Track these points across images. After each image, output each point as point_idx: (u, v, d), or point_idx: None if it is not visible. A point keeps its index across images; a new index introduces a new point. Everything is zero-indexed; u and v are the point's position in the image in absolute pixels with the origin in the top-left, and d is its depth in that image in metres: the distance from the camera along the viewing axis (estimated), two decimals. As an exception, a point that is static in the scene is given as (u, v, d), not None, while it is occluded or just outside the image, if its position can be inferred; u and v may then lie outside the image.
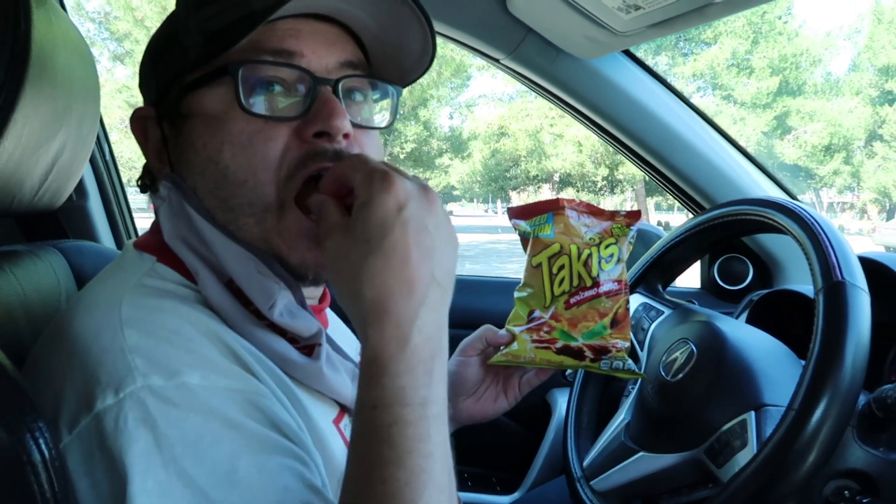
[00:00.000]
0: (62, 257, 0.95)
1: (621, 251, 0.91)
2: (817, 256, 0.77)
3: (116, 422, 0.49)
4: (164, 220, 0.65)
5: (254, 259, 0.62)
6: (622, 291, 0.90)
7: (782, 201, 0.88)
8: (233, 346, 0.58)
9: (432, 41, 0.68)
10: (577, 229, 0.90)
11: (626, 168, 21.81)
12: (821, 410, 0.67)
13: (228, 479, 0.50)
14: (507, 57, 1.43)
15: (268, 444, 0.53)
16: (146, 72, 0.71)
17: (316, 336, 0.64)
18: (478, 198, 49.33)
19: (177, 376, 0.52)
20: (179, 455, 0.49)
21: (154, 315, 0.57)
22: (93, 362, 0.53)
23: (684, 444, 0.83)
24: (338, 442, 0.65)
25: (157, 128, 0.69)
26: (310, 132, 0.62)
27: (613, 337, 0.89)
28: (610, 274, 0.90)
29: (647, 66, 1.50)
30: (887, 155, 24.90)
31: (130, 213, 1.64)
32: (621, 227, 0.92)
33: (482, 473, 1.73)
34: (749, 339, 0.89)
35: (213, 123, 0.63)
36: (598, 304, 0.89)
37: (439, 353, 0.55)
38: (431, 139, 22.34)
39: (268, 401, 0.56)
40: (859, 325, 0.70)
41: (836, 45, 26.94)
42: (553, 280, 0.91)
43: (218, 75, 0.62)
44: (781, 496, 0.68)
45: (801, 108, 24.04)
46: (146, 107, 0.71)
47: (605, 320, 0.89)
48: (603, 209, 0.93)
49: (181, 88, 0.65)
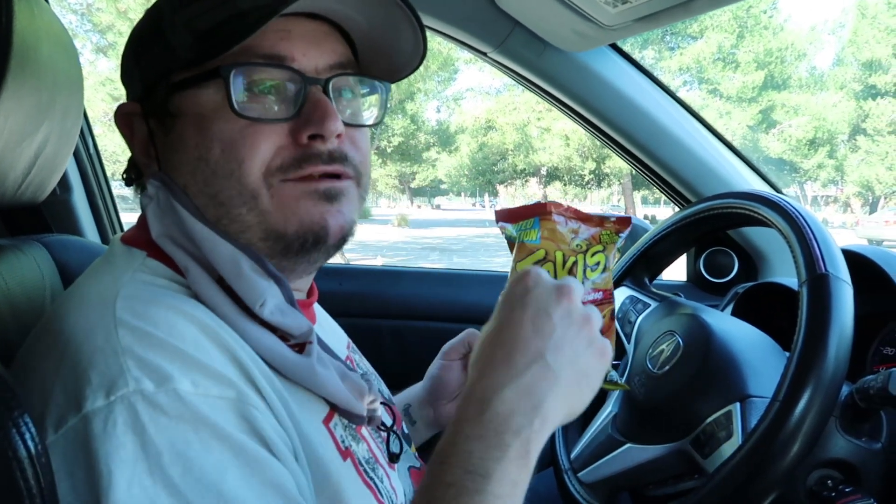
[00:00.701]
0: (46, 252, 0.94)
1: (608, 259, 0.86)
2: (801, 249, 0.78)
3: (105, 424, 0.49)
4: (152, 218, 0.64)
5: (244, 257, 0.62)
6: (606, 301, 0.84)
7: (767, 195, 0.88)
8: (228, 342, 0.58)
9: (423, 41, 0.68)
10: (563, 235, 0.86)
11: (613, 162, 21.88)
12: (804, 401, 0.67)
13: (215, 492, 0.49)
14: (494, 50, 1.43)
15: (254, 459, 0.52)
16: (129, 66, 0.70)
17: (307, 334, 0.64)
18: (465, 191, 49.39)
19: (168, 382, 0.51)
20: (167, 464, 0.49)
21: (149, 312, 0.55)
22: (85, 362, 0.52)
23: (670, 435, 0.83)
24: (327, 443, 0.64)
25: (143, 124, 0.68)
26: (304, 135, 0.63)
27: None
28: (595, 282, 0.84)
29: (634, 59, 1.50)
30: (870, 149, 25.15)
31: (115, 207, 1.62)
32: (610, 233, 0.86)
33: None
34: (734, 331, 0.89)
35: (203, 124, 0.63)
36: None
37: (523, 432, 0.54)
38: (419, 133, 22.32)
39: (258, 412, 0.55)
40: (842, 317, 0.71)
41: (820, 39, 27.19)
42: None
43: (208, 77, 0.62)
44: (766, 486, 0.68)
45: (785, 102, 24.23)
46: (131, 103, 0.69)
47: None
48: (591, 214, 0.88)
49: (169, 87, 0.65)
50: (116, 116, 0.70)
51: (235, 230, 0.64)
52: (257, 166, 0.62)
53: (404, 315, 1.70)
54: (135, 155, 0.70)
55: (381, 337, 1.70)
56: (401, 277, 1.83)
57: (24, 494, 0.44)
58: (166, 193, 0.64)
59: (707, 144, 1.55)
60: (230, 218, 0.64)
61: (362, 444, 0.70)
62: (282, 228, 0.64)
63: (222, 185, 0.63)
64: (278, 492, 0.52)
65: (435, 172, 32.69)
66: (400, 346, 1.66)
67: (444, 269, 1.94)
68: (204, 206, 0.64)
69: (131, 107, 0.69)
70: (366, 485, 0.67)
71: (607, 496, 0.90)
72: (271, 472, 0.53)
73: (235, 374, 0.56)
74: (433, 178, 36.08)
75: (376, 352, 1.04)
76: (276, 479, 0.53)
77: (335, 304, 1.54)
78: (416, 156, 23.58)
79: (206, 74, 0.62)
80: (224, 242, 0.62)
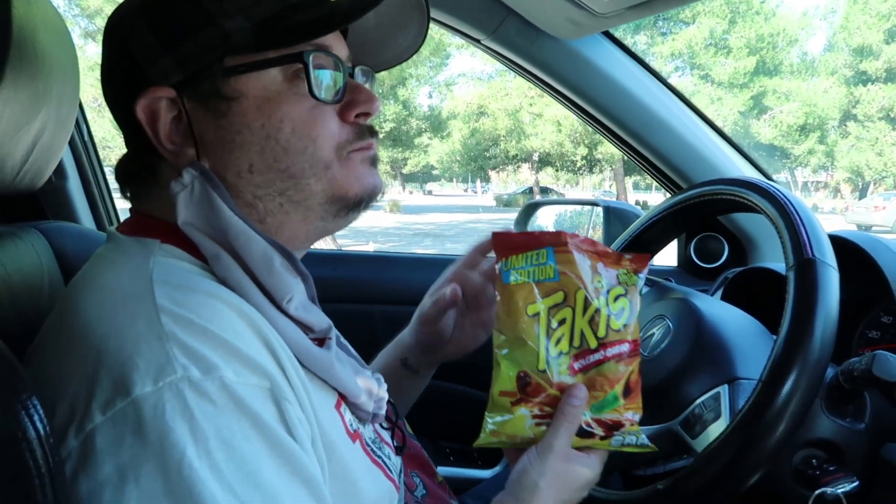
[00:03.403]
0: (43, 238, 0.94)
1: (632, 305, 0.74)
2: (789, 235, 0.79)
3: (155, 409, 0.50)
4: (182, 205, 0.64)
5: (276, 254, 0.64)
6: (634, 354, 0.73)
7: (757, 181, 0.90)
8: (262, 329, 0.59)
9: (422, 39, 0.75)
10: (581, 274, 0.73)
11: (605, 148, 21.87)
12: (790, 383, 0.69)
13: (253, 480, 0.51)
14: (487, 38, 1.43)
15: (286, 450, 0.55)
16: (151, 52, 0.66)
17: (326, 330, 0.68)
18: (457, 177, 49.26)
19: (214, 370, 0.53)
20: (213, 449, 0.50)
21: (188, 300, 0.57)
22: (129, 348, 0.53)
23: (660, 416, 0.85)
24: (338, 426, 0.66)
25: (175, 110, 0.67)
26: (352, 114, 0.70)
27: (627, 409, 0.73)
28: (620, 333, 0.72)
29: (626, 47, 1.51)
30: (860, 135, 25.24)
31: (110, 194, 1.62)
32: (628, 273, 0.75)
33: (463, 449, 1.76)
34: (724, 315, 0.91)
35: (269, 105, 0.66)
36: (606, 371, 0.72)
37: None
38: (410, 118, 22.20)
39: (288, 402, 0.57)
40: (828, 301, 0.72)
41: (812, 24, 27.15)
42: (550, 337, 0.72)
43: (278, 62, 0.66)
44: (752, 465, 0.70)
45: (777, 87, 24.23)
46: (164, 88, 0.66)
47: (617, 389, 0.72)
48: (609, 250, 0.76)
49: (223, 71, 0.66)
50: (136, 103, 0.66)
51: (299, 198, 0.68)
52: (329, 142, 0.68)
53: (397, 300, 1.71)
54: (158, 143, 0.67)
55: (374, 322, 1.71)
56: (393, 263, 1.84)
57: (34, 474, 0.45)
58: (203, 183, 0.64)
59: (698, 131, 1.56)
60: (298, 188, 0.68)
61: (368, 425, 0.73)
62: (346, 192, 0.70)
63: (293, 160, 0.67)
64: (304, 482, 0.55)
65: (427, 158, 32.58)
66: (393, 331, 1.67)
67: (437, 254, 1.94)
68: (264, 182, 0.67)
69: (164, 91, 0.66)
70: (375, 463, 0.70)
71: (599, 476, 0.92)
72: (299, 462, 0.55)
73: (270, 362, 0.58)
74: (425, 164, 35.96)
75: (369, 337, 1.05)
76: (303, 470, 0.55)
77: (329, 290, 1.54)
78: (407, 141, 23.47)
79: (277, 59, 0.66)
80: (258, 238, 0.64)
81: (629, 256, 0.75)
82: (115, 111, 0.70)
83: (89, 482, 0.50)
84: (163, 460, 0.49)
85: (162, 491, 0.49)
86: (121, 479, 0.49)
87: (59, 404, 0.53)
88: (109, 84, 0.70)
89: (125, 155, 0.72)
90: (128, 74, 0.68)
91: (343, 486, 0.63)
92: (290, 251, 0.65)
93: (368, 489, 0.67)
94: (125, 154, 0.72)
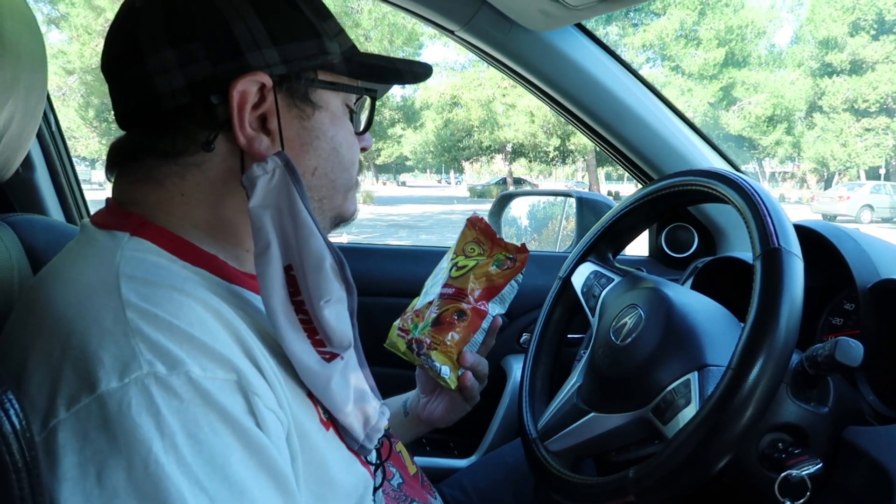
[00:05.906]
0: (12, 231, 0.92)
1: (476, 267, 1.08)
2: (756, 225, 0.81)
3: (120, 406, 0.50)
4: (259, 190, 0.64)
5: (329, 255, 0.64)
6: (455, 297, 1.05)
7: (725, 172, 0.91)
8: (230, 320, 0.59)
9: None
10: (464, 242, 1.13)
11: (578, 139, 21.99)
12: (757, 369, 0.70)
13: (221, 474, 0.51)
14: (461, 29, 1.43)
15: (254, 443, 0.54)
16: (259, 39, 0.67)
17: (343, 348, 0.67)
18: (431, 168, 49.10)
19: (180, 366, 0.53)
20: (180, 443, 0.50)
21: (154, 294, 0.57)
22: (94, 343, 0.53)
23: (633, 404, 0.87)
24: (312, 415, 0.66)
25: (257, 98, 0.67)
26: (362, 145, 0.81)
27: (432, 335, 1.02)
28: (457, 281, 1.07)
29: (599, 39, 1.52)
30: (826, 126, 25.72)
31: (79, 185, 1.59)
32: (505, 255, 1.10)
33: (440, 439, 1.77)
34: (694, 303, 0.93)
35: (335, 122, 0.75)
36: (438, 303, 1.05)
37: None
38: (383, 109, 22.08)
39: (258, 397, 0.57)
40: (793, 290, 0.74)
41: (779, 17, 27.57)
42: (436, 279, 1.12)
43: (350, 90, 0.76)
44: (721, 449, 0.72)
45: (745, 79, 24.57)
46: (264, 74, 0.66)
47: (429, 318, 1.04)
48: (497, 238, 1.12)
49: (316, 81, 0.72)
50: (232, 81, 0.65)
51: (327, 208, 0.77)
52: (357, 167, 0.79)
53: (372, 292, 1.71)
54: (239, 125, 0.66)
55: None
56: (368, 255, 1.84)
57: (11, 469, 0.44)
58: (285, 174, 0.65)
59: (669, 123, 1.58)
60: (331, 199, 0.77)
61: None
62: (346, 213, 0.81)
63: (340, 175, 0.76)
64: (273, 476, 0.55)
65: (400, 149, 32.42)
66: (369, 322, 1.67)
67: (412, 245, 1.95)
68: (320, 186, 0.75)
69: (264, 78, 0.66)
70: (350, 451, 0.70)
71: (573, 463, 0.94)
72: (267, 455, 0.55)
73: (238, 355, 0.58)
74: (398, 155, 35.78)
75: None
76: (272, 464, 0.55)
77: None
78: (380, 132, 23.35)
79: (352, 87, 0.76)
80: (319, 235, 0.64)
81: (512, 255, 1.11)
82: (159, 79, 0.65)
83: (51, 478, 0.49)
84: (128, 456, 0.49)
85: (126, 487, 0.49)
86: (83, 475, 0.49)
87: (23, 399, 0.52)
88: (173, 48, 0.65)
89: (125, 136, 0.71)
90: (220, 51, 0.65)
91: (317, 473, 0.64)
92: (342, 257, 0.66)
93: (343, 476, 0.67)
94: (125, 135, 0.72)
